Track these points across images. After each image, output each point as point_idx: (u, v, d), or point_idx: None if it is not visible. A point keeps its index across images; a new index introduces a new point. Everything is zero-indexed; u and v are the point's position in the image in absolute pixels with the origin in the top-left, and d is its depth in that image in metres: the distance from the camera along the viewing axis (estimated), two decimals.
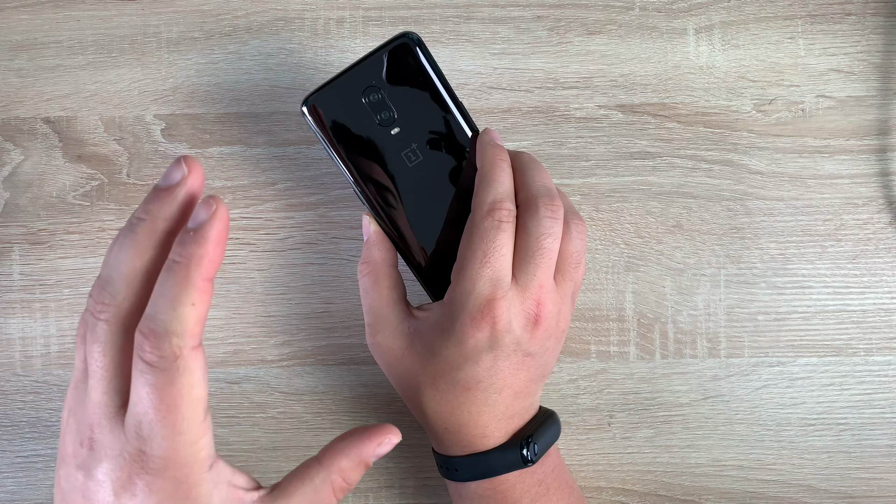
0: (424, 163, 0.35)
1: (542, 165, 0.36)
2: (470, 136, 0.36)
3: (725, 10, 0.43)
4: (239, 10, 0.43)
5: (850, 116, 0.42)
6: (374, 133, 0.35)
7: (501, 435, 0.34)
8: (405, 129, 0.35)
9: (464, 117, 0.36)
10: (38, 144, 0.42)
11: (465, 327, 0.32)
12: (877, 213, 0.42)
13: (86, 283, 0.42)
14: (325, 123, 0.35)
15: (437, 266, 0.36)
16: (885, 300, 0.42)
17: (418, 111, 0.35)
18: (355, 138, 0.35)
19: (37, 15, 0.43)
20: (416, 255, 0.36)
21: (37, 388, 0.42)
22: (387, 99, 0.35)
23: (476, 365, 0.33)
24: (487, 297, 0.32)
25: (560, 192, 0.36)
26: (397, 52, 0.34)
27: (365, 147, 0.35)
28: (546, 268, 0.33)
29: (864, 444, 0.42)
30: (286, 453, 0.42)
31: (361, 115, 0.35)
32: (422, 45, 0.35)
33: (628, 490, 0.42)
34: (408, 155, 0.35)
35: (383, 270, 0.36)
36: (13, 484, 0.42)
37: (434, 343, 0.34)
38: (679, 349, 0.42)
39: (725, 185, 0.42)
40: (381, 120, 0.35)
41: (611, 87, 0.43)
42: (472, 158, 0.36)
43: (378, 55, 0.34)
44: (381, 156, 0.35)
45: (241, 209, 0.42)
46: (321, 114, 0.34)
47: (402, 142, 0.35)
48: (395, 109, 0.35)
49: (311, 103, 0.34)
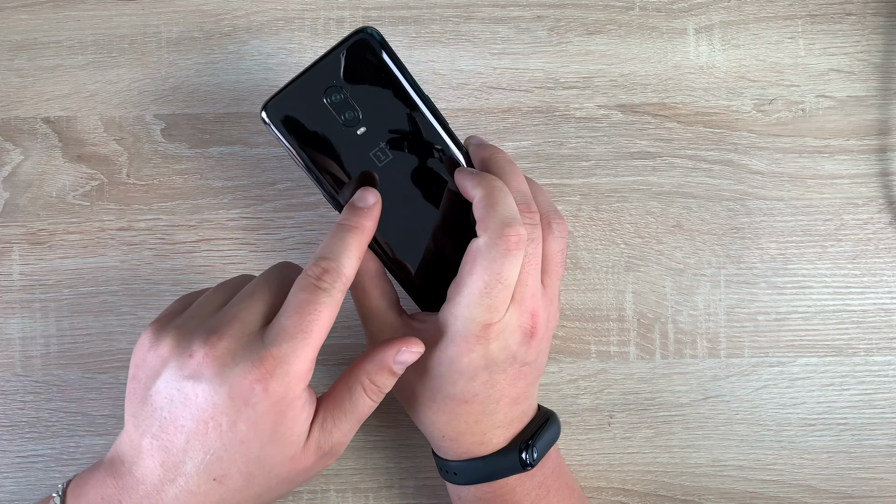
0: (394, 161, 0.34)
1: (518, 167, 0.34)
2: (438, 128, 0.34)
3: (725, 10, 0.43)
4: (239, 10, 0.43)
5: (850, 116, 0.42)
6: (340, 134, 0.33)
7: (500, 440, 0.34)
8: (371, 127, 0.33)
9: (430, 110, 0.34)
10: (38, 144, 0.42)
11: (460, 350, 0.32)
12: (877, 213, 0.42)
13: (85, 282, 0.42)
14: (286, 129, 0.33)
15: (421, 272, 0.35)
16: (885, 300, 0.42)
17: (383, 108, 0.33)
18: (320, 141, 0.33)
19: (37, 15, 0.43)
20: (396, 261, 0.35)
21: (37, 388, 0.42)
22: (349, 98, 0.33)
23: (472, 381, 0.33)
24: (483, 324, 0.31)
25: (537, 187, 0.35)
26: (356, 49, 0.33)
27: (331, 150, 0.33)
28: (535, 275, 0.33)
29: (864, 444, 0.42)
30: None
31: (324, 116, 0.33)
32: (381, 40, 0.33)
33: (628, 490, 0.42)
34: (377, 154, 0.34)
35: (368, 281, 0.35)
36: (13, 484, 0.42)
37: (428, 361, 0.33)
38: (679, 349, 0.42)
39: (725, 185, 0.42)
40: (345, 120, 0.33)
41: (611, 87, 0.43)
42: (456, 164, 0.34)
43: (336, 53, 0.33)
44: (349, 157, 0.33)
45: (241, 209, 0.42)
46: (282, 119, 0.33)
47: (369, 141, 0.34)
48: (358, 108, 0.33)
49: (271, 109, 0.32)
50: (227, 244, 0.42)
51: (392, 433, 0.42)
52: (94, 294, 0.42)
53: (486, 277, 0.31)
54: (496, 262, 0.31)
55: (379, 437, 0.42)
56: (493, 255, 0.31)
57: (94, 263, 0.42)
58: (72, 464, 0.42)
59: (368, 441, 0.42)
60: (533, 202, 0.33)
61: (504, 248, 0.31)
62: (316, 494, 0.42)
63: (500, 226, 0.31)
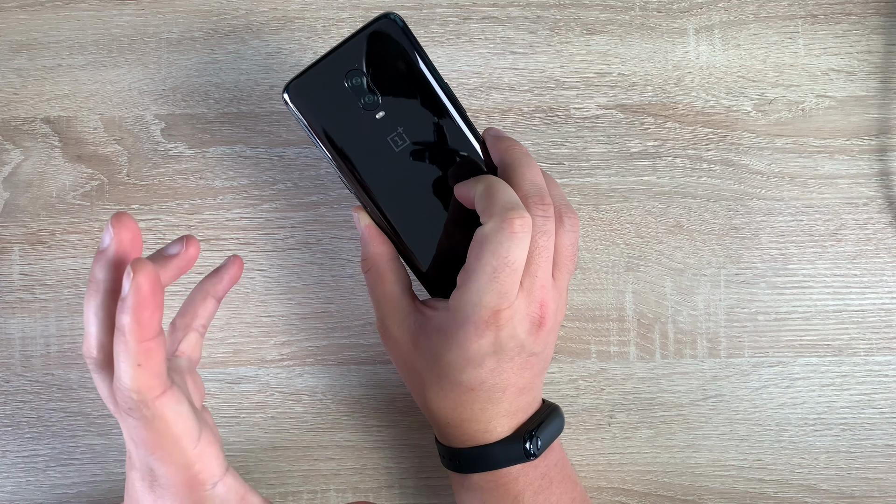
0: (411, 147, 0.34)
1: (533, 160, 0.34)
2: (456, 117, 0.34)
3: (725, 10, 0.43)
4: (239, 10, 0.43)
5: (850, 116, 0.42)
6: (359, 118, 0.34)
7: (505, 429, 0.34)
8: (390, 112, 0.34)
9: (449, 98, 0.34)
10: (38, 144, 0.42)
11: (469, 335, 0.32)
12: (877, 213, 0.42)
13: (85, 282, 0.42)
14: (307, 110, 0.33)
15: (434, 260, 0.35)
16: (885, 300, 0.42)
17: (403, 94, 0.34)
18: (339, 124, 0.34)
19: (37, 15, 0.43)
20: (409, 247, 0.35)
21: (37, 388, 0.42)
22: (370, 82, 0.33)
23: (479, 368, 0.33)
24: (493, 309, 0.32)
25: (552, 181, 0.36)
26: (379, 34, 0.33)
27: (349, 132, 0.34)
28: (546, 266, 0.33)
29: (864, 444, 0.42)
30: (286, 453, 0.42)
31: (345, 99, 0.33)
32: (404, 26, 0.33)
33: (628, 490, 0.42)
34: (394, 139, 0.34)
35: (383, 265, 0.35)
36: (13, 484, 0.42)
37: (437, 346, 0.33)
38: (679, 349, 0.42)
39: (725, 185, 0.42)
40: (364, 104, 0.34)
41: (611, 87, 0.43)
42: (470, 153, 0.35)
43: (359, 37, 0.33)
44: (367, 141, 0.34)
45: (241, 209, 0.42)
46: (303, 99, 0.33)
47: (387, 126, 0.34)
48: (378, 92, 0.34)
49: (293, 90, 0.33)
50: (227, 244, 0.42)
51: (392, 433, 0.42)
52: None
53: (494, 262, 0.31)
54: (503, 246, 0.31)
55: (379, 437, 0.42)
56: (499, 238, 0.31)
57: None
58: (72, 464, 0.42)
59: (368, 441, 0.42)
60: (547, 194, 0.33)
61: (509, 231, 0.31)
62: (316, 494, 0.42)
63: (503, 210, 0.31)
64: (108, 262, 0.27)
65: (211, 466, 0.29)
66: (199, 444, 0.28)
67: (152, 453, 0.28)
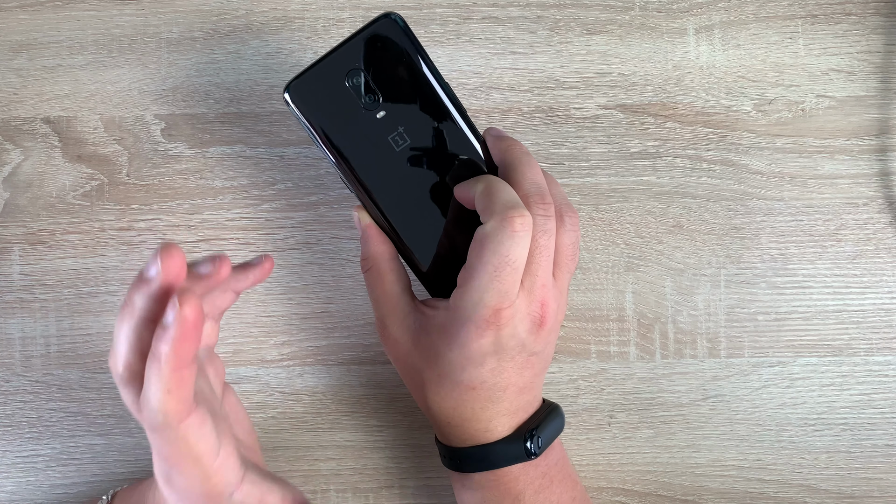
0: (412, 146, 0.34)
1: (533, 159, 0.34)
2: (457, 116, 0.35)
3: (725, 10, 0.43)
4: (239, 10, 0.43)
5: (850, 116, 0.42)
6: (359, 117, 0.34)
7: (505, 429, 0.34)
8: (391, 112, 0.34)
9: (450, 98, 0.34)
10: (38, 144, 0.42)
11: (470, 334, 0.32)
12: (877, 213, 0.42)
13: (85, 282, 0.42)
14: (308, 109, 0.33)
15: (434, 260, 0.35)
16: (885, 300, 0.42)
17: (403, 94, 0.34)
18: (340, 123, 0.34)
19: (37, 15, 0.43)
20: (409, 247, 0.35)
21: (37, 388, 0.42)
22: (371, 81, 0.34)
23: (480, 367, 0.33)
24: (494, 308, 0.32)
25: (552, 180, 0.36)
26: (379, 34, 0.33)
27: (350, 132, 0.34)
28: (546, 266, 0.33)
29: (864, 444, 0.42)
30: (286, 453, 0.42)
31: (345, 99, 0.34)
32: (405, 26, 0.33)
33: (628, 490, 0.42)
34: (395, 139, 0.34)
35: (383, 264, 0.35)
36: (13, 484, 0.42)
37: (438, 345, 0.33)
38: (679, 349, 0.42)
39: (725, 185, 0.42)
40: (365, 103, 0.34)
41: (611, 87, 0.43)
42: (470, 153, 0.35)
43: (360, 37, 0.33)
44: (368, 140, 0.34)
45: (241, 209, 0.42)
46: (304, 99, 0.33)
47: (388, 125, 0.34)
48: (379, 92, 0.34)
49: (293, 89, 0.33)
50: (227, 244, 0.42)
51: (392, 433, 0.42)
52: (94, 294, 0.42)
53: (495, 260, 0.31)
54: (503, 245, 0.31)
55: (379, 437, 0.42)
56: (499, 237, 0.31)
57: (94, 263, 0.42)
58: (72, 464, 0.42)
59: (368, 441, 0.42)
60: (548, 193, 0.33)
61: (510, 230, 0.31)
62: (316, 494, 0.42)
63: (504, 209, 0.31)
64: (150, 293, 0.27)
65: (228, 477, 0.30)
66: (218, 458, 0.29)
67: (172, 467, 0.29)
